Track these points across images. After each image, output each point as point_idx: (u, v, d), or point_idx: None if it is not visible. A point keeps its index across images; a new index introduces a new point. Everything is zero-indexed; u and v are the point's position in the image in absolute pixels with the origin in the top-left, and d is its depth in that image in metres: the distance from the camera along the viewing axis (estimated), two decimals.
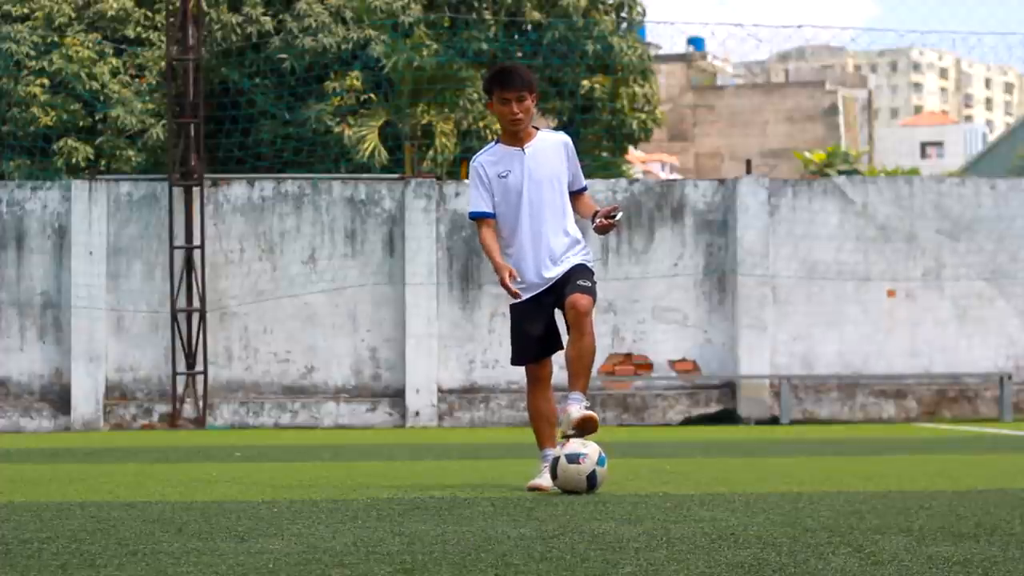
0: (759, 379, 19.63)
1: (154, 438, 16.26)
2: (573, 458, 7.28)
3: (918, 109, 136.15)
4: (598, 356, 19.69)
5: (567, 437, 7.47)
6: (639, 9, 28.67)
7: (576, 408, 7.52)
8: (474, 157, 7.70)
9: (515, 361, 7.96)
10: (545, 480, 7.45)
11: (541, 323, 7.83)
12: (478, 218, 7.62)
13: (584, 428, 7.42)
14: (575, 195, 7.66)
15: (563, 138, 7.69)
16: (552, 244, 7.58)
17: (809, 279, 19.99)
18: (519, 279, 7.57)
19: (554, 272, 7.60)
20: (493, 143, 7.69)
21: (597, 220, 7.51)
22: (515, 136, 7.53)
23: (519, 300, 7.64)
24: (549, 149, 7.59)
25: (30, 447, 14.00)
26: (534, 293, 7.67)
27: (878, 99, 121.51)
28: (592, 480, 7.26)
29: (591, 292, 7.59)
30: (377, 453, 11.99)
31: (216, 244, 19.72)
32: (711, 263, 19.88)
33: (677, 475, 8.87)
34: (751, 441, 13.93)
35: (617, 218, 7.55)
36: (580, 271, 7.61)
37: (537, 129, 7.64)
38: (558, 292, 7.64)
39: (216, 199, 19.79)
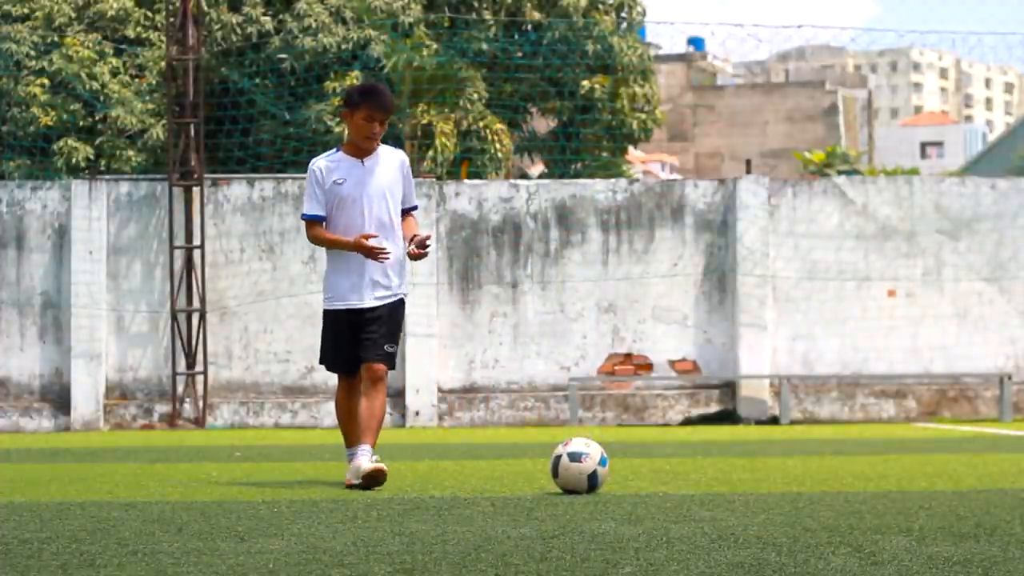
0: (759, 379, 19.63)
1: (154, 438, 16.26)
2: (575, 457, 7.28)
3: (918, 109, 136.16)
4: (598, 355, 19.78)
5: (352, 487, 7.68)
6: (639, 9, 28.67)
7: (366, 460, 7.71)
8: (313, 160, 8.03)
9: (329, 368, 8.18)
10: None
11: (351, 341, 7.96)
12: (311, 220, 7.91)
13: (374, 480, 7.63)
14: (404, 213, 8.01)
15: (401, 156, 8.05)
16: (390, 255, 7.84)
17: (809, 279, 19.99)
18: (336, 296, 7.90)
19: (372, 302, 7.87)
20: (335, 150, 8.04)
21: (411, 248, 7.84)
22: (360, 149, 7.87)
23: (333, 308, 7.92)
24: (387, 164, 7.94)
25: (30, 447, 14.00)
26: (347, 307, 7.90)
27: (878, 99, 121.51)
28: (593, 480, 7.26)
29: (392, 359, 7.90)
30: (377, 453, 11.97)
31: (216, 244, 19.72)
32: (711, 263, 19.88)
33: (677, 475, 8.87)
34: (751, 441, 13.93)
35: (428, 246, 7.85)
36: (390, 329, 7.89)
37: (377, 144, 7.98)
38: (363, 328, 7.85)
39: (216, 199, 19.79)
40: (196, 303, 19.51)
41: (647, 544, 5.07)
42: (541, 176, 28.48)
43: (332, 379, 19.56)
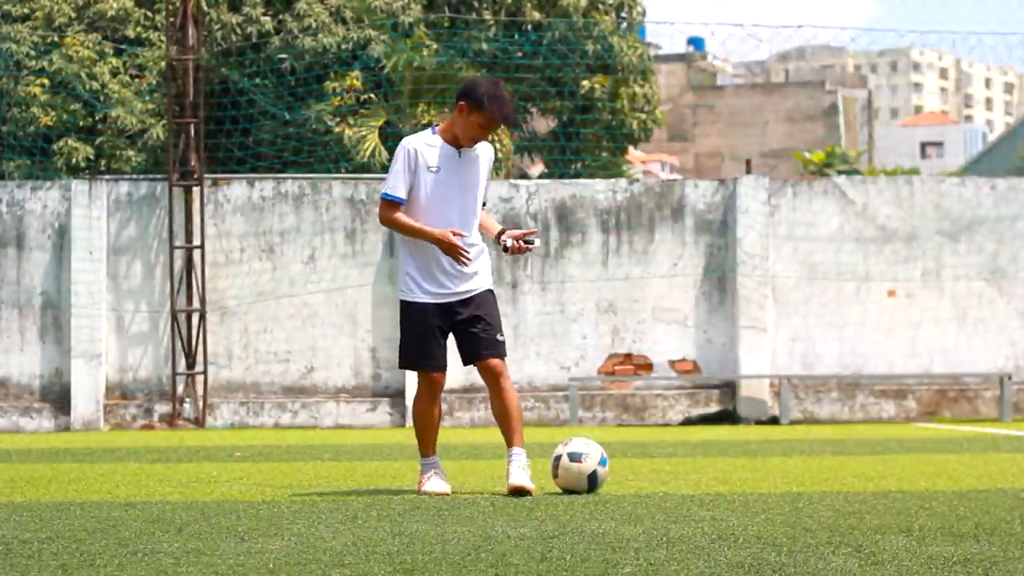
0: (759, 379, 19.63)
1: (154, 438, 16.25)
2: (575, 457, 7.28)
3: (918, 109, 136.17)
4: (598, 355, 19.77)
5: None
6: (639, 9, 28.66)
7: (517, 469, 7.28)
8: (408, 138, 7.52)
9: (412, 367, 7.60)
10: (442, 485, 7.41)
11: (442, 336, 7.49)
12: (391, 201, 7.41)
13: (519, 493, 7.21)
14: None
15: (491, 150, 7.65)
16: (473, 245, 7.46)
17: (809, 279, 19.99)
18: (423, 285, 7.41)
19: (463, 287, 7.43)
20: (431, 131, 7.52)
21: (512, 241, 7.42)
22: (459, 142, 7.43)
23: (419, 302, 7.42)
24: (481, 157, 7.56)
25: (30, 447, 14.00)
26: (437, 301, 7.44)
27: (878, 99, 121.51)
28: (593, 480, 7.26)
29: (505, 348, 7.49)
30: (377, 453, 11.99)
31: (216, 244, 19.72)
32: (711, 263, 19.88)
33: (677, 475, 8.86)
34: (751, 441, 13.93)
35: (535, 244, 7.50)
36: (495, 318, 7.46)
37: None
38: (465, 323, 7.41)
39: (216, 199, 19.79)
40: (196, 303, 19.51)
41: (647, 544, 5.07)
42: (541, 176, 28.47)
43: (332, 379, 19.57)
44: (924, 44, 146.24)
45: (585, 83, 26.80)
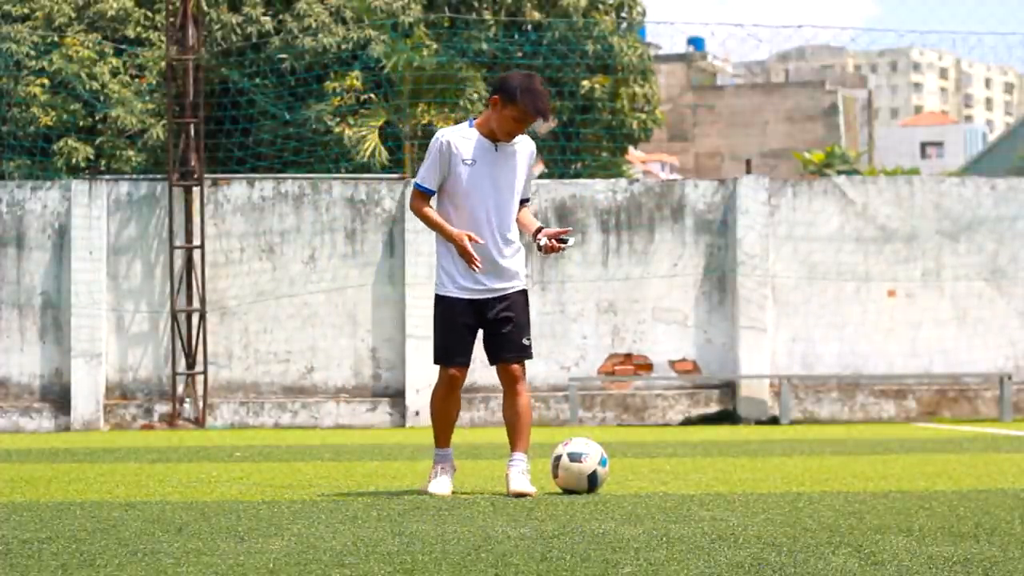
0: (759, 379, 19.63)
1: (154, 438, 16.26)
2: (575, 457, 7.28)
3: (918, 109, 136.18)
4: (598, 355, 19.77)
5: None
6: (639, 9, 28.66)
7: (517, 474, 7.22)
8: (443, 130, 7.40)
9: (446, 362, 7.37)
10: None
11: (472, 333, 7.37)
12: (422, 192, 7.34)
13: (520, 496, 7.15)
14: (520, 204, 7.46)
15: (532, 146, 7.52)
16: (510, 243, 7.37)
17: (809, 279, 19.99)
18: (457, 280, 7.32)
19: (497, 285, 7.33)
20: (467, 124, 7.41)
21: (545, 240, 7.29)
22: (496, 136, 7.30)
23: (451, 296, 7.32)
24: (520, 153, 7.42)
25: (30, 447, 14.00)
26: (469, 297, 7.34)
27: (878, 99, 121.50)
28: (593, 480, 7.26)
29: (530, 351, 7.39)
30: (377, 453, 11.99)
31: (216, 244, 19.72)
32: (711, 263, 19.88)
33: (677, 475, 8.87)
34: (751, 441, 13.93)
35: (569, 243, 7.40)
36: (524, 320, 7.36)
37: None
38: (494, 323, 7.31)
39: (216, 199, 19.79)
40: (196, 303, 19.51)
41: (647, 544, 5.07)
42: (541, 176, 28.47)
43: (332, 379, 19.57)
44: (924, 44, 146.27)
45: (585, 83, 26.81)
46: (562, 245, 7.34)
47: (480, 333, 7.39)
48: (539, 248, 7.34)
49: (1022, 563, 4.57)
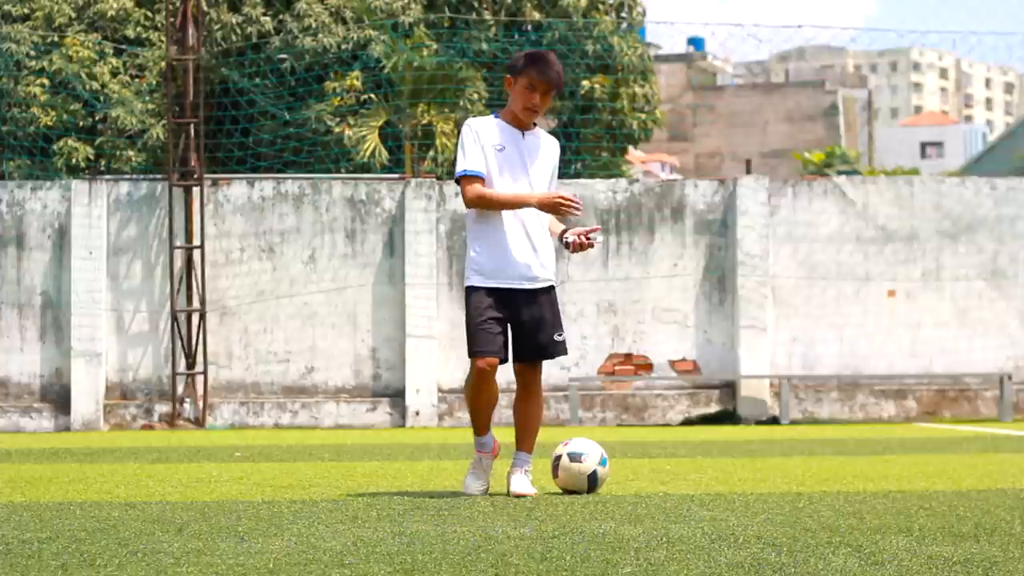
0: (759, 379, 19.63)
1: (154, 438, 16.25)
2: (575, 457, 7.27)
3: (918, 109, 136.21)
4: (598, 355, 19.77)
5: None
6: (639, 9, 28.66)
7: (519, 475, 7.18)
8: (468, 121, 7.30)
9: (482, 355, 7.13)
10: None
11: (499, 322, 7.17)
12: (472, 176, 7.11)
13: (521, 497, 7.11)
14: None
15: (557, 144, 7.51)
16: (541, 237, 7.29)
17: (809, 279, 19.99)
18: (487, 272, 7.14)
19: (539, 273, 7.23)
20: (492, 114, 7.33)
21: (573, 237, 7.21)
22: (519, 120, 7.23)
23: (482, 287, 7.13)
24: (546, 145, 7.40)
25: (30, 447, 14.00)
26: (500, 286, 7.16)
27: (878, 99, 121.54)
28: (593, 480, 7.26)
29: (565, 347, 7.32)
30: (377, 453, 11.99)
31: (216, 244, 19.72)
32: (711, 263, 19.88)
33: (677, 475, 8.86)
34: (751, 441, 13.93)
35: (599, 240, 7.33)
36: (556, 315, 7.28)
37: (535, 124, 7.43)
38: (527, 318, 7.19)
39: (216, 199, 19.80)
40: (196, 303, 19.52)
41: (647, 544, 5.07)
42: None
43: (332, 379, 19.57)
44: (924, 44, 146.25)
45: (585, 83, 26.80)
46: (590, 242, 7.25)
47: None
48: (566, 246, 7.24)
49: (1022, 563, 4.57)
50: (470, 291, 7.21)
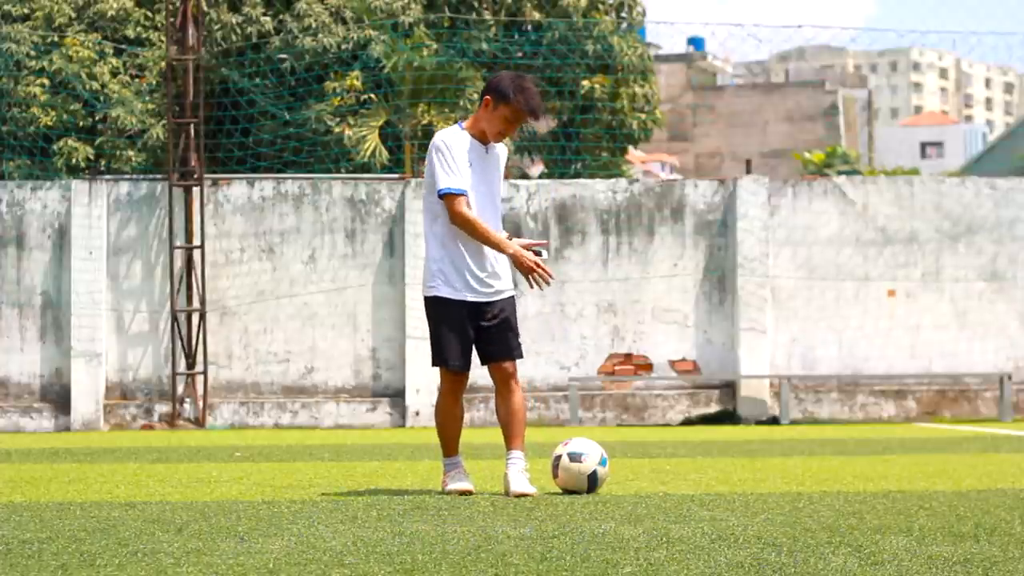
0: (759, 379, 19.63)
1: (154, 438, 16.26)
2: (575, 457, 7.28)
3: (918, 109, 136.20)
4: (598, 355, 19.77)
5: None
6: (639, 9, 28.64)
7: (516, 474, 7.21)
8: (441, 133, 7.32)
9: (445, 364, 7.30)
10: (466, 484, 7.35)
11: (466, 334, 7.30)
12: (457, 194, 7.15)
13: (521, 497, 7.14)
14: None
15: (506, 150, 7.55)
16: (498, 253, 7.35)
17: (809, 279, 19.99)
18: (454, 283, 7.25)
19: (496, 287, 7.33)
20: (457, 126, 7.36)
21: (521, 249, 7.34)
22: (485, 137, 7.30)
23: (449, 299, 7.22)
24: (501, 155, 7.46)
25: (30, 447, 14.00)
26: (468, 299, 7.27)
27: (878, 99, 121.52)
28: (593, 480, 7.26)
29: (520, 352, 7.39)
30: (377, 453, 11.99)
31: (216, 244, 19.72)
32: (711, 263, 19.88)
33: (677, 475, 8.87)
34: (751, 441, 13.93)
35: (543, 256, 7.37)
36: (514, 321, 7.38)
37: None
38: (489, 326, 7.28)
39: (216, 199, 19.80)
40: (196, 303, 19.52)
41: (647, 544, 5.07)
42: (541, 176, 28.47)
43: (332, 379, 19.56)
44: (924, 44, 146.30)
45: (585, 83, 26.79)
46: (536, 258, 7.35)
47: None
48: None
49: (1022, 563, 4.57)
50: (435, 301, 7.29)
